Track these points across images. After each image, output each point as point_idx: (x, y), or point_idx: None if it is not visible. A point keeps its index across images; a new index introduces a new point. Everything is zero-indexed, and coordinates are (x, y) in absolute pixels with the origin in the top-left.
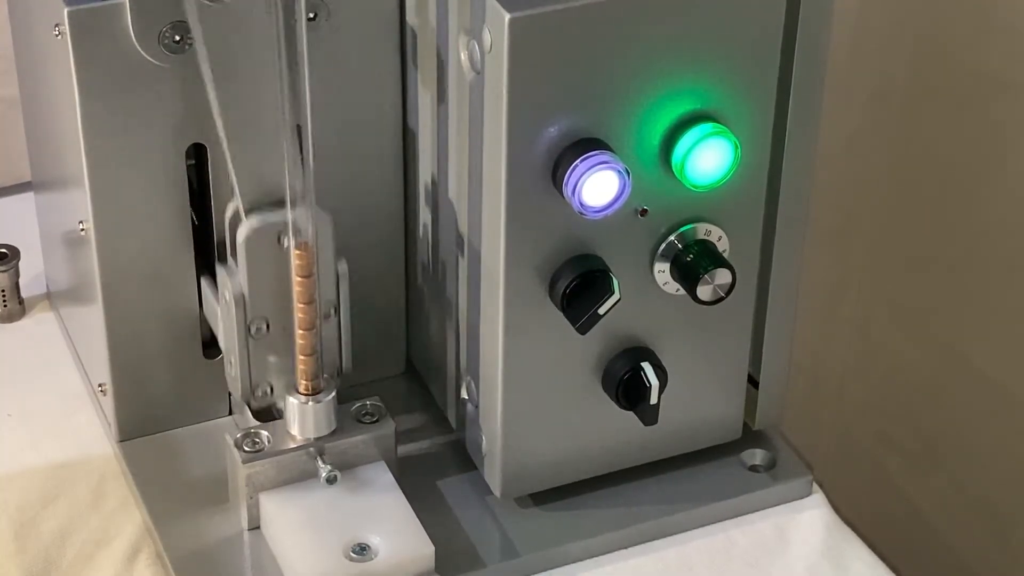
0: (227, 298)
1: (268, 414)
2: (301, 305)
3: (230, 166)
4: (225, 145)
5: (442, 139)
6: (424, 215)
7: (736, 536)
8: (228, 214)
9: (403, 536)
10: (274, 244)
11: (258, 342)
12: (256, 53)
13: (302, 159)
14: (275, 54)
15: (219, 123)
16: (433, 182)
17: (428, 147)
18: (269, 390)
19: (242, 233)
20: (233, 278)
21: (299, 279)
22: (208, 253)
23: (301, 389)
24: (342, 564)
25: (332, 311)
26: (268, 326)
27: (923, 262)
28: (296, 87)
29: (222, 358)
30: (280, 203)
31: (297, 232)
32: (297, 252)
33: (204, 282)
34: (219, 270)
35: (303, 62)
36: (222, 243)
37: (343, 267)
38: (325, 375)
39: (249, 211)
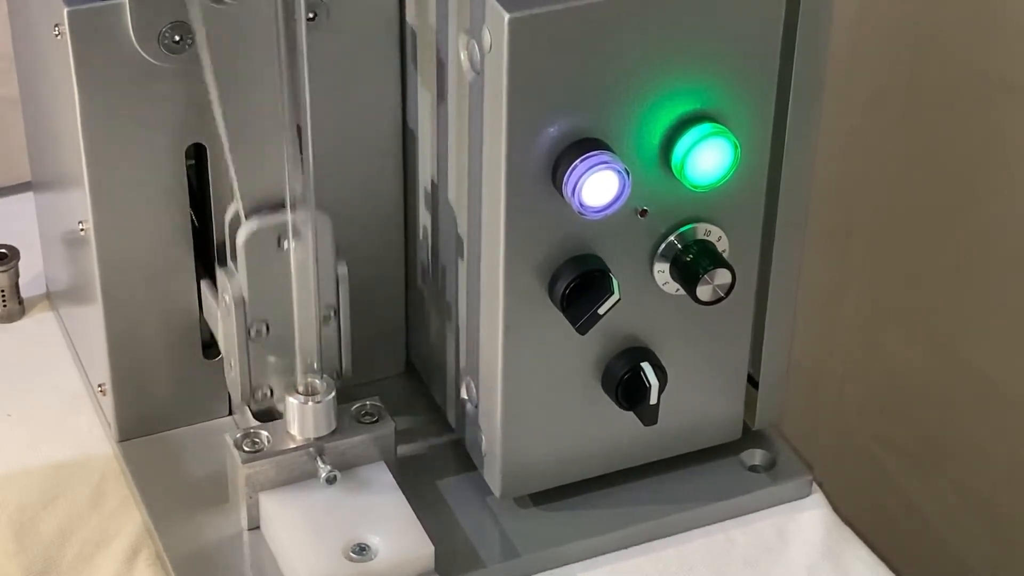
0: (227, 301)
1: (268, 415)
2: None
3: (230, 167)
4: (226, 146)
5: (442, 139)
6: (424, 215)
7: (736, 536)
8: (228, 217)
9: (403, 536)
10: (274, 246)
11: (258, 344)
12: (256, 53)
13: (302, 160)
14: (275, 54)
15: (220, 123)
16: (433, 182)
17: (428, 147)
18: (269, 392)
19: (242, 235)
20: (233, 281)
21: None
22: (208, 256)
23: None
24: (342, 564)
25: (332, 313)
26: (268, 328)
27: (923, 262)
28: (296, 87)
29: (222, 359)
30: (280, 206)
31: (297, 234)
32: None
33: (204, 285)
34: (219, 273)
35: (303, 62)
36: (222, 246)
37: (343, 269)
38: (325, 375)
39: (249, 213)
